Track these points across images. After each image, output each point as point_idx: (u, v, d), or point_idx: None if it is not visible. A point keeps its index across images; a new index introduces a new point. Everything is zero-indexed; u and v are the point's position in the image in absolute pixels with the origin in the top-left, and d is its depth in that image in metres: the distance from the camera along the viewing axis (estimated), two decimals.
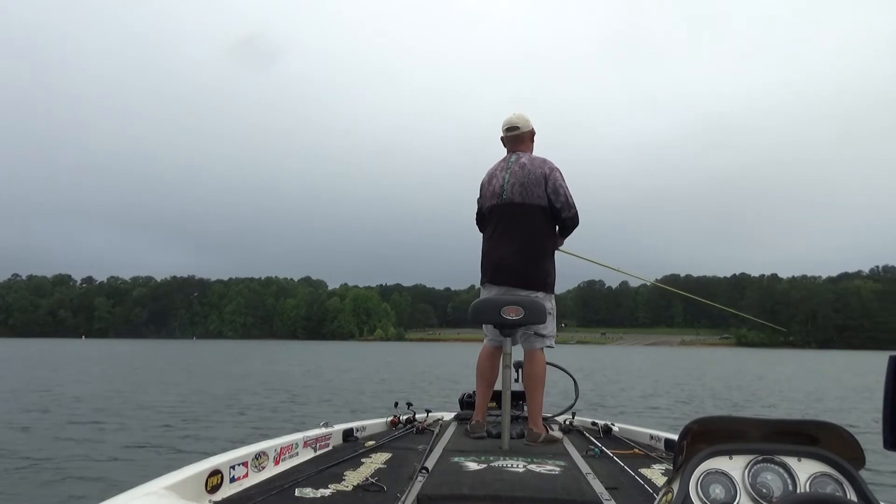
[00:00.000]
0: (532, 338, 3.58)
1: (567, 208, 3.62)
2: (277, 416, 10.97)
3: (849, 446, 1.39)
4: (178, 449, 7.56)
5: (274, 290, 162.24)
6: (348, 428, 3.50)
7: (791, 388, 20.87)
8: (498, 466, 2.63)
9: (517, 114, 3.84)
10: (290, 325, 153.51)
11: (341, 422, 3.57)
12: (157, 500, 1.81)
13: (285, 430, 3.90)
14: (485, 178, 3.82)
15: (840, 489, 1.35)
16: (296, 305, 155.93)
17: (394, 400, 4.28)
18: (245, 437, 7.73)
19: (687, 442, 1.41)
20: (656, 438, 3.49)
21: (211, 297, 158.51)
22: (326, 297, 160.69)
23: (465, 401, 4.37)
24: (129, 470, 6.31)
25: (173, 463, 2.58)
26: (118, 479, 5.64)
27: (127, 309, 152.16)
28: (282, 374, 23.35)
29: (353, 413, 10.66)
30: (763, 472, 1.38)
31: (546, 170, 3.60)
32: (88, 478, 6.06)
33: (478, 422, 3.59)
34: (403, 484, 2.30)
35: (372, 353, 55.09)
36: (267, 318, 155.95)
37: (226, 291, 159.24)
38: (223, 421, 10.18)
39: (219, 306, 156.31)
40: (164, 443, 7.96)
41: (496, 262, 3.63)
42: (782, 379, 25.89)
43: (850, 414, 13.20)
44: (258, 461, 2.52)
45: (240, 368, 26.79)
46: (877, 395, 15.46)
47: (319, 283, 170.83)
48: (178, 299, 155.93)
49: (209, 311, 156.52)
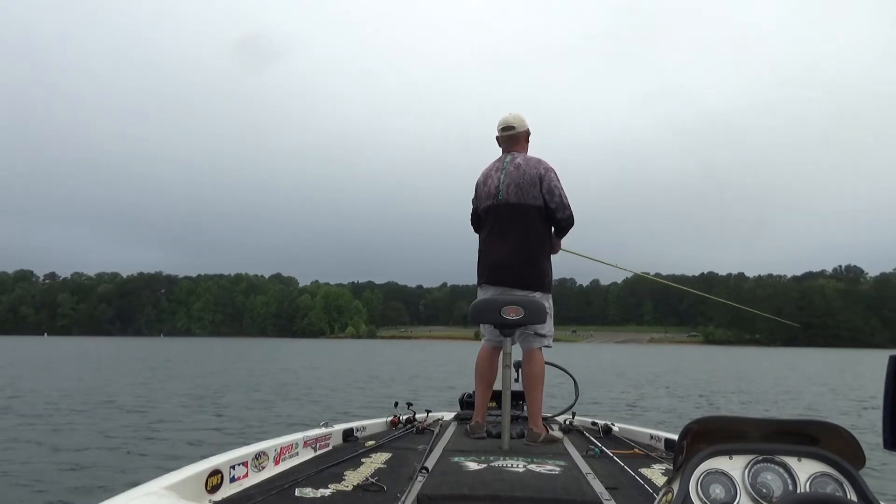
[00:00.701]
0: (531, 337, 3.57)
1: (562, 209, 3.62)
2: (252, 415, 10.72)
3: (849, 446, 1.39)
4: (158, 453, 7.30)
5: (244, 286, 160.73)
6: (348, 428, 3.49)
7: (784, 387, 21.10)
8: (498, 466, 2.61)
9: (513, 114, 3.82)
10: (259, 322, 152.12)
11: (341, 422, 3.55)
12: (157, 500, 1.80)
13: (285, 431, 3.83)
14: (480, 179, 3.80)
15: (840, 489, 1.35)
16: (266, 302, 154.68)
17: (388, 400, 4.16)
18: (231, 441, 7.54)
19: (687, 442, 1.40)
20: (656, 438, 3.48)
21: (179, 293, 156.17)
22: (297, 294, 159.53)
23: (465, 401, 4.37)
24: (104, 474, 6.15)
25: (171, 464, 2.45)
26: (115, 480, 5.66)
27: (91, 306, 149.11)
28: (268, 373, 22.91)
29: (344, 414, 10.52)
30: (763, 472, 1.38)
31: (541, 170, 3.60)
32: (82, 480, 5.95)
33: (477, 422, 3.59)
34: (403, 484, 2.30)
35: (345, 350, 54.72)
36: (236, 315, 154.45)
37: (194, 288, 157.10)
38: (197, 423, 9.88)
39: (187, 303, 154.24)
40: (144, 448, 7.67)
41: (493, 262, 3.63)
42: (766, 377, 26.22)
43: (835, 413, 13.30)
44: (258, 461, 2.50)
45: (225, 366, 26.37)
46: (852, 393, 15.80)
47: (290, 281, 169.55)
48: (145, 296, 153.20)
49: (177, 308, 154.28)
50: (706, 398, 15.94)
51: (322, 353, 44.47)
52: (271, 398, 13.75)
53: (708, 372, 28.67)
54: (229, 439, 8.12)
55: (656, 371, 28.25)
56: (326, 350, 54.43)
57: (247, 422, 9.84)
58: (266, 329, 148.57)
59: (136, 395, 13.95)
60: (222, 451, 2.47)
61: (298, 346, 67.17)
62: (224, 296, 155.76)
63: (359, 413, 9.78)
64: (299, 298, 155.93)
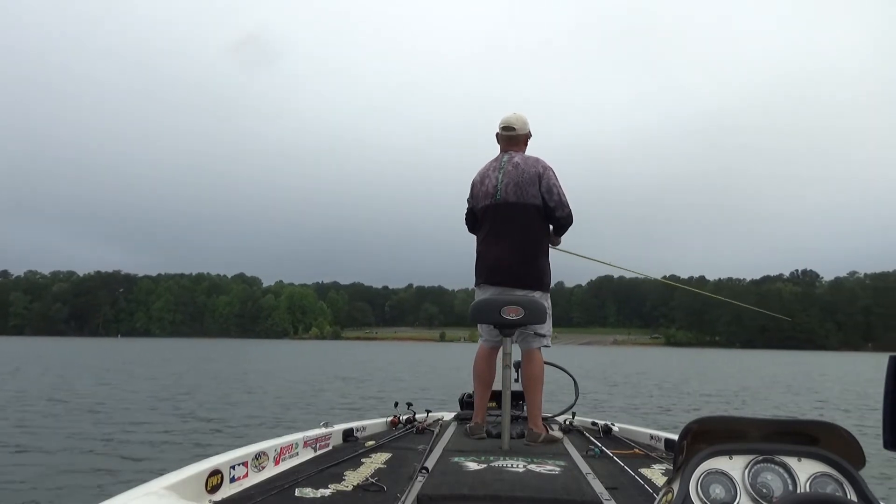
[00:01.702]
0: (530, 337, 3.56)
1: (561, 207, 3.62)
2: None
3: (849, 446, 1.39)
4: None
5: (205, 286, 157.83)
6: (348, 428, 3.48)
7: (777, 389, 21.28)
8: (498, 466, 2.62)
9: (517, 114, 3.81)
10: (221, 322, 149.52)
11: (341, 422, 3.55)
12: (157, 500, 1.80)
13: (285, 431, 3.79)
14: (476, 178, 3.78)
15: (840, 489, 1.35)
16: (228, 303, 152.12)
17: (381, 400, 3.98)
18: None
19: (687, 442, 1.40)
20: (656, 438, 3.48)
21: (138, 293, 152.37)
22: (261, 294, 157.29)
23: (465, 401, 4.36)
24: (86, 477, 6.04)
25: (171, 464, 2.50)
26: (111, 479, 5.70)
27: (45, 305, 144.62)
28: (253, 374, 22.39)
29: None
30: (763, 472, 1.38)
31: (539, 169, 3.59)
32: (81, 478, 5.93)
33: (477, 423, 3.57)
34: (403, 484, 2.31)
35: (310, 351, 54.05)
36: (197, 315, 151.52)
37: (154, 288, 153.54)
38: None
39: (146, 303, 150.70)
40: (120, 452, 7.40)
41: (492, 262, 3.61)
42: (738, 378, 26.51)
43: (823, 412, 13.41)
44: (258, 461, 2.51)
45: (209, 367, 25.72)
46: (817, 394, 16.03)
47: (254, 280, 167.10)
48: (102, 295, 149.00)
49: (136, 307, 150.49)
50: (679, 397, 16.02)
51: (294, 355, 43.85)
52: (253, 399, 13.47)
53: (674, 372, 28.93)
54: (221, 439, 8.01)
55: (626, 372, 28.36)
56: (294, 351, 53.72)
57: (227, 423, 9.64)
58: (228, 329, 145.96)
59: (111, 398, 13.44)
60: (222, 451, 2.46)
61: (264, 347, 66.23)
62: (185, 296, 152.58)
63: (335, 415, 9.65)
64: (263, 299, 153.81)
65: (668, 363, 41.54)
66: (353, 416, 7.43)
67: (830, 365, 45.79)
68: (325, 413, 10.41)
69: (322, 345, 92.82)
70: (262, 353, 48.33)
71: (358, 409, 11.42)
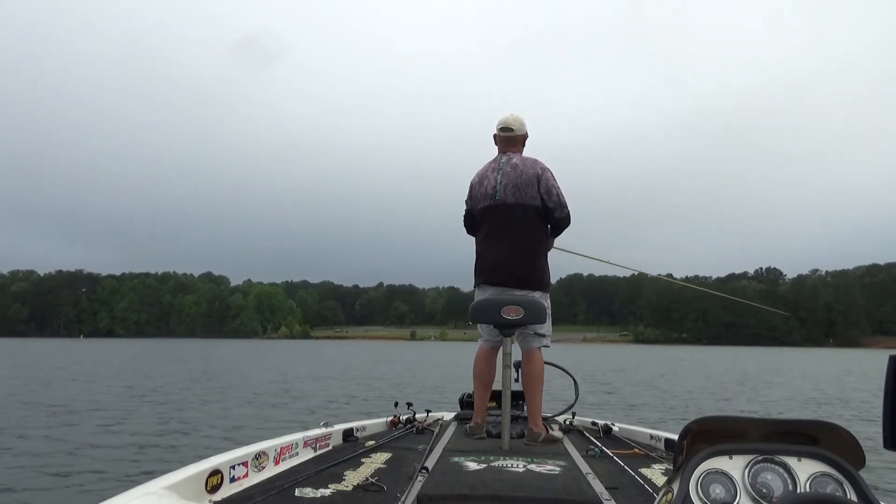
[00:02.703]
0: (530, 337, 3.57)
1: (559, 208, 3.64)
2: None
3: (849, 446, 1.38)
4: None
5: (171, 285, 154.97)
6: (348, 428, 3.49)
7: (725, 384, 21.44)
8: (498, 466, 2.63)
9: (515, 115, 3.82)
10: (188, 322, 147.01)
11: (341, 422, 3.55)
12: (157, 500, 1.80)
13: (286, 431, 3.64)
14: (475, 180, 3.80)
15: (840, 489, 1.35)
16: (195, 302, 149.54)
17: (381, 400, 3.79)
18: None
19: (687, 442, 1.40)
20: (656, 438, 3.49)
21: (101, 293, 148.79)
22: (229, 293, 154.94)
23: (465, 401, 4.36)
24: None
25: (170, 465, 2.49)
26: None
27: (4, 305, 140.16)
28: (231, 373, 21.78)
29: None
30: (763, 472, 1.38)
31: (538, 170, 3.62)
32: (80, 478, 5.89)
33: (477, 423, 3.57)
34: (403, 484, 2.31)
35: (283, 351, 53.29)
36: (163, 315, 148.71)
37: (118, 287, 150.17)
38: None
39: (110, 303, 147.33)
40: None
41: (492, 262, 3.62)
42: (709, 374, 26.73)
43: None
44: (258, 461, 2.51)
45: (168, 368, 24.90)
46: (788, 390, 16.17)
47: (221, 280, 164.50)
48: (64, 295, 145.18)
49: (99, 307, 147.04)
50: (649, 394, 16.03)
51: (273, 354, 43.31)
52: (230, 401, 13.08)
53: (647, 368, 29.15)
54: (217, 441, 7.80)
55: (603, 369, 28.46)
56: (270, 351, 53.05)
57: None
58: (195, 329, 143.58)
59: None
60: (222, 451, 2.46)
61: (236, 347, 65.35)
62: (150, 295, 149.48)
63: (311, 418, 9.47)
64: (231, 298, 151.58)
65: (640, 360, 41.91)
66: (351, 416, 7.25)
67: (796, 360, 46.70)
68: (323, 413, 10.29)
69: (294, 344, 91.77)
70: (237, 352, 47.78)
71: (340, 410, 11.23)
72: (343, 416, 8.37)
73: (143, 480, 1.94)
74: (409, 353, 49.98)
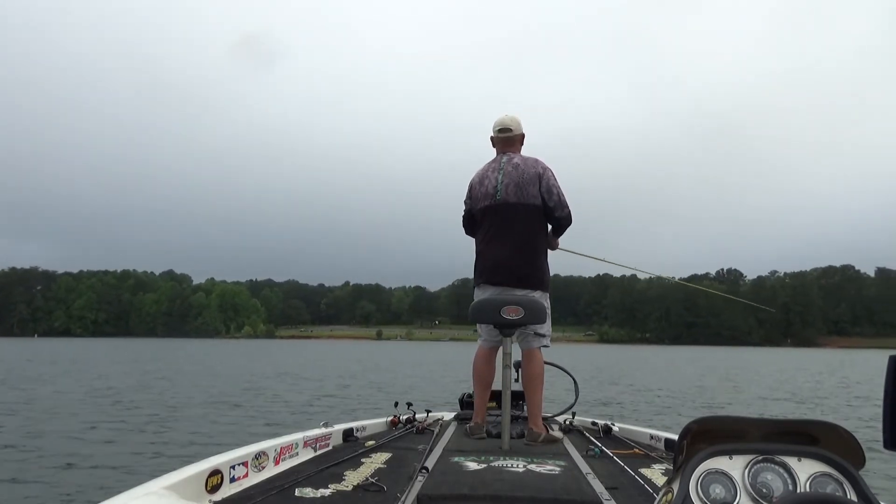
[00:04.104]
0: (530, 337, 3.57)
1: (560, 207, 3.66)
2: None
3: (849, 446, 1.39)
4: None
5: (131, 284, 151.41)
6: (348, 428, 3.50)
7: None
8: (498, 466, 2.63)
9: (511, 116, 3.84)
10: (148, 321, 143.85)
11: (341, 422, 3.56)
12: (157, 500, 1.81)
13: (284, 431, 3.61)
14: (475, 179, 3.80)
15: (840, 489, 1.35)
16: (156, 301, 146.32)
17: (381, 400, 3.61)
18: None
19: (687, 442, 1.40)
20: (656, 438, 3.48)
21: (57, 290, 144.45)
22: (191, 292, 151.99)
23: (466, 401, 4.36)
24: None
25: (169, 465, 2.55)
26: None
27: None
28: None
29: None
30: (763, 472, 1.38)
31: (539, 169, 3.64)
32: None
33: (477, 424, 3.56)
34: (403, 484, 2.31)
35: (251, 351, 52.39)
36: (122, 314, 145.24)
37: (75, 285, 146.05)
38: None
39: (66, 301, 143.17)
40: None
41: (492, 262, 3.62)
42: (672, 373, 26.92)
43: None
44: (258, 461, 2.52)
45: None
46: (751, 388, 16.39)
47: (183, 278, 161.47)
48: (18, 293, 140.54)
49: (55, 306, 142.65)
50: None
51: (244, 354, 42.62)
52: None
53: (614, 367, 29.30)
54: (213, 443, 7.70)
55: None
56: (239, 351, 52.27)
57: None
58: (155, 329, 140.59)
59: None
60: (221, 451, 2.47)
61: (199, 347, 64.53)
62: (109, 294, 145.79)
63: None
64: (193, 297, 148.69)
65: (609, 360, 42.24)
66: (347, 416, 7.34)
67: (758, 360, 47.56)
68: (322, 414, 10.20)
69: (261, 344, 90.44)
70: (203, 351, 47.16)
71: (337, 410, 11.15)
72: (342, 416, 8.53)
73: (143, 480, 1.95)
74: (377, 352, 49.53)
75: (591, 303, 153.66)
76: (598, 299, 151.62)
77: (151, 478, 1.97)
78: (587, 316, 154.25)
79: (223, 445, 6.39)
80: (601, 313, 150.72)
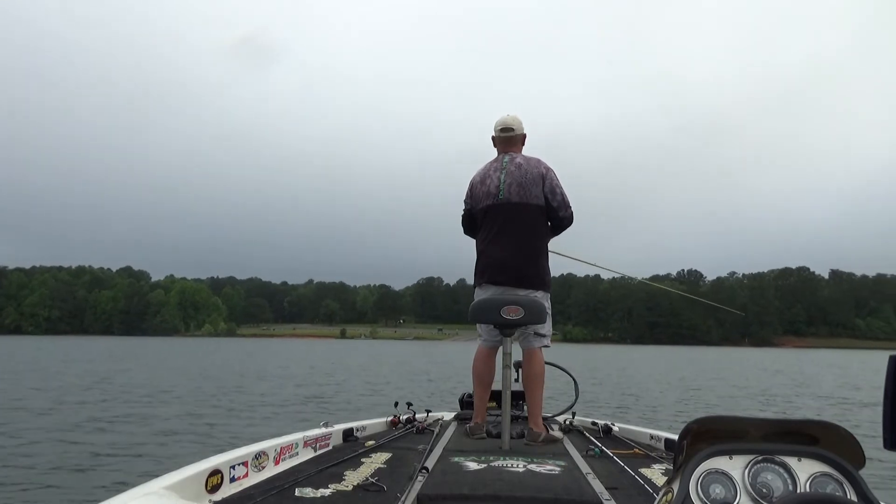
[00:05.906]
0: (531, 337, 3.56)
1: (563, 207, 3.66)
2: None
3: (849, 446, 1.39)
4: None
5: (86, 280, 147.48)
6: (348, 428, 3.50)
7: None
8: (498, 466, 2.64)
9: (512, 115, 3.83)
10: (104, 319, 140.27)
11: (341, 422, 3.57)
12: (157, 500, 1.81)
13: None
14: (476, 179, 3.78)
15: (840, 489, 1.35)
16: (113, 298, 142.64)
17: (383, 401, 3.26)
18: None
19: (687, 442, 1.40)
20: (656, 438, 3.48)
21: (8, 287, 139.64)
22: (149, 289, 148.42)
23: (466, 401, 4.36)
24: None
25: (170, 465, 2.58)
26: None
27: None
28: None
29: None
30: (763, 472, 1.38)
31: (542, 169, 3.63)
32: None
33: (477, 424, 3.56)
34: (403, 484, 2.31)
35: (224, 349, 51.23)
36: (77, 311, 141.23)
37: (27, 281, 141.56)
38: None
39: (17, 298, 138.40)
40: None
41: (494, 262, 3.60)
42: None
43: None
44: (258, 461, 2.52)
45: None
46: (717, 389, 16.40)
47: (141, 275, 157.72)
48: None
49: (5, 303, 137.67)
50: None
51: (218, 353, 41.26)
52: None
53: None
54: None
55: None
56: (210, 349, 51.04)
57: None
58: (112, 327, 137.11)
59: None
60: (221, 451, 2.47)
61: (159, 345, 63.27)
62: (63, 290, 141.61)
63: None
64: (151, 294, 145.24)
65: (576, 359, 42.36)
66: (350, 416, 7.21)
67: (717, 359, 48.27)
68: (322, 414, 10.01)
69: (224, 342, 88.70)
70: (166, 350, 45.83)
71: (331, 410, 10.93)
72: (342, 416, 8.35)
73: (143, 480, 1.95)
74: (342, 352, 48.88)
75: (555, 302, 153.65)
76: (561, 299, 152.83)
77: (151, 478, 1.96)
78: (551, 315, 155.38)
79: (223, 445, 6.47)
80: (565, 313, 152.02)
